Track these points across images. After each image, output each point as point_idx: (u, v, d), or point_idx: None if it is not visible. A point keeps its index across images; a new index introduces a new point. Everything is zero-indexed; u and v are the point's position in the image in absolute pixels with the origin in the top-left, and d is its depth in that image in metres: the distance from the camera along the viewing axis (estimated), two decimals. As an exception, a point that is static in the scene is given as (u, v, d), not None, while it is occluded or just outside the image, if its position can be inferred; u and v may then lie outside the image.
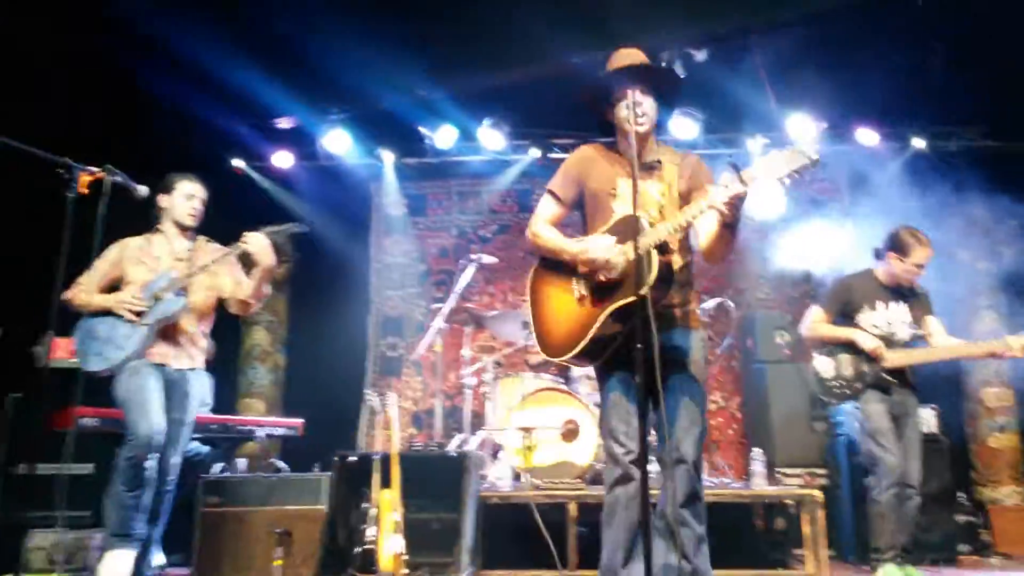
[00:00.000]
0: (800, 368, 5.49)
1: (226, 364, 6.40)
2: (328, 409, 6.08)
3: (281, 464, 4.62)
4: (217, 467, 4.48)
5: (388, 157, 6.92)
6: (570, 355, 2.66)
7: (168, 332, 3.67)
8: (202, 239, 3.91)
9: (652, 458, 3.18)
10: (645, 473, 2.41)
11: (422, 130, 6.78)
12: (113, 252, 3.78)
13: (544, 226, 2.89)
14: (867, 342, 3.99)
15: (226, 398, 6.06)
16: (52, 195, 3.87)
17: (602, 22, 5.83)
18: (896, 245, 4.07)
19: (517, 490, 4.40)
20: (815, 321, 4.21)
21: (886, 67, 6.05)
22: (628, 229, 2.62)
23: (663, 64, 5.70)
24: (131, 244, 3.81)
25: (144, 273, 3.70)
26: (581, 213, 2.96)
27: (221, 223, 4.03)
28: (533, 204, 7.07)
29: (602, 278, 2.65)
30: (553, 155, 6.92)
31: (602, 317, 2.60)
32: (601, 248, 2.63)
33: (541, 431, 4.60)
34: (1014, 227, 6.33)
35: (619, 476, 2.58)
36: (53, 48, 5.63)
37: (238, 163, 6.86)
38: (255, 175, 6.87)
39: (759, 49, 6.05)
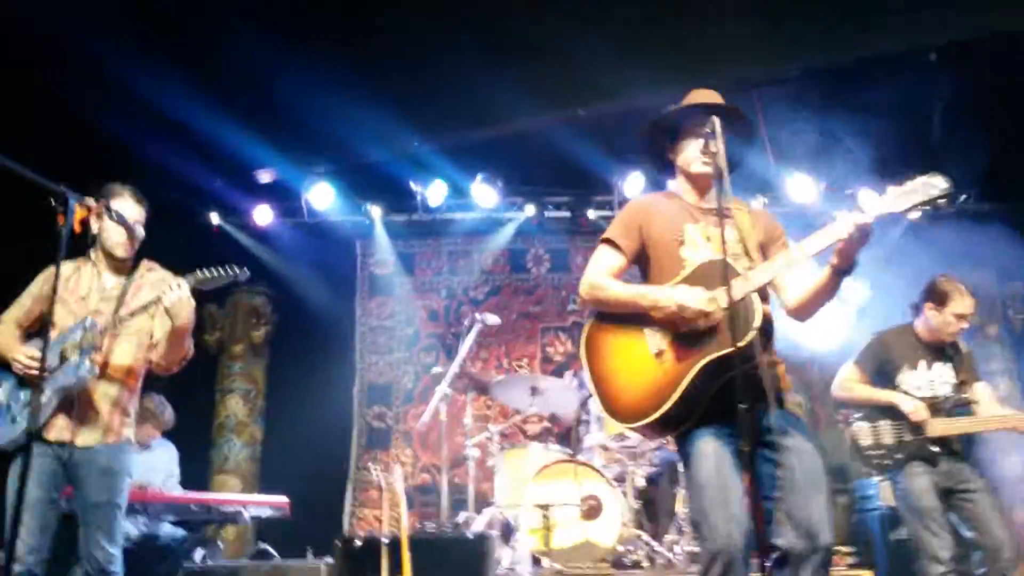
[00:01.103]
0: (815, 436, 5.18)
1: (198, 436, 5.88)
2: (310, 486, 5.54)
3: (270, 549, 4.09)
4: (198, 554, 3.94)
5: (376, 213, 6.57)
6: (651, 419, 2.29)
7: (78, 399, 2.88)
8: (143, 268, 3.13)
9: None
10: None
11: (413, 186, 6.48)
12: (37, 284, 3.09)
13: (606, 277, 2.56)
14: (906, 405, 3.64)
15: (198, 474, 5.51)
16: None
17: (595, 78, 5.67)
18: (933, 295, 3.77)
19: (539, 576, 3.95)
20: (849, 380, 3.87)
21: (885, 127, 5.99)
22: (714, 275, 2.32)
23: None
24: (59, 275, 3.01)
25: (64, 316, 2.97)
26: (641, 267, 2.65)
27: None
28: (527, 264, 6.86)
29: (685, 329, 2.32)
30: (549, 213, 6.68)
31: (692, 372, 2.25)
32: (692, 296, 2.31)
33: (559, 508, 4.20)
34: (1021, 288, 6.24)
35: (720, 572, 2.18)
36: (24, 96, 5.24)
37: (215, 219, 6.44)
38: (233, 231, 6.46)
39: (759, 105, 5.94)
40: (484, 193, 6.38)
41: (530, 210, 6.60)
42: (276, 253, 6.53)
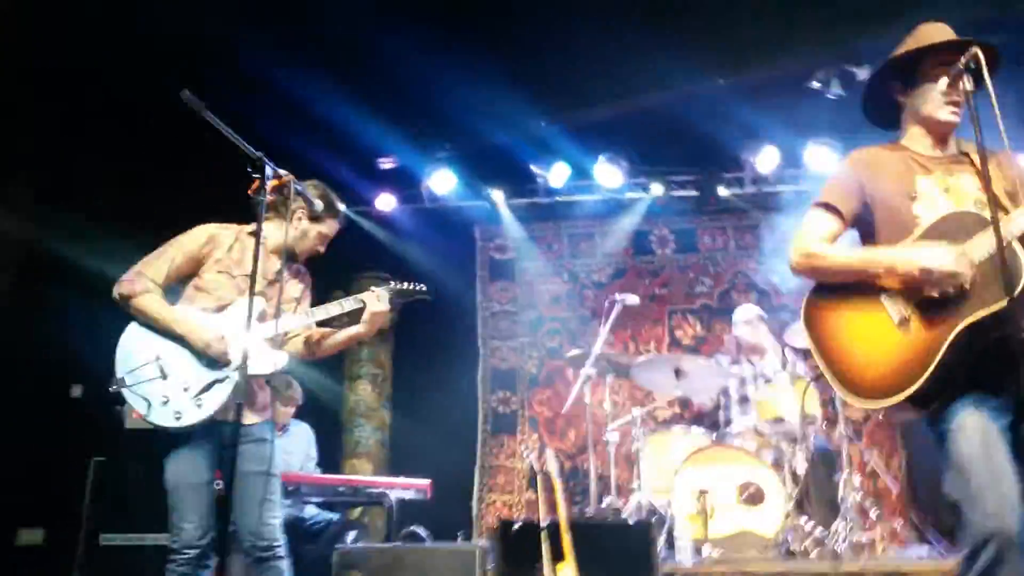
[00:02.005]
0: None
1: (328, 422, 5.89)
2: (438, 470, 5.47)
3: (423, 532, 4.02)
4: (351, 536, 3.90)
5: (498, 196, 6.46)
6: (904, 394, 2.04)
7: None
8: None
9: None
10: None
11: (534, 168, 6.34)
12: (195, 243, 2.89)
13: (822, 244, 2.31)
14: None
15: (330, 459, 5.51)
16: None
17: (733, 45, 5.38)
18: None
19: (701, 565, 3.74)
20: None
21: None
22: (959, 228, 2.08)
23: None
24: (221, 240, 2.92)
25: (227, 289, 2.85)
26: (863, 231, 2.40)
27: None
28: (651, 246, 6.63)
29: (934, 293, 2.07)
30: (675, 193, 6.42)
31: (950, 338, 1.99)
32: (938, 255, 2.06)
33: (715, 495, 3.98)
34: None
35: (992, 559, 1.93)
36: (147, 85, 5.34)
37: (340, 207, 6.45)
38: (356, 218, 6.46)
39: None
40: (607, 173, 6.18)
41: (656, 190, 6.36)
42: (398, 239, 6.51)
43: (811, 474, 4.51)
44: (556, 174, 6.26)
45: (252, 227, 3.01)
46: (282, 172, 2.50)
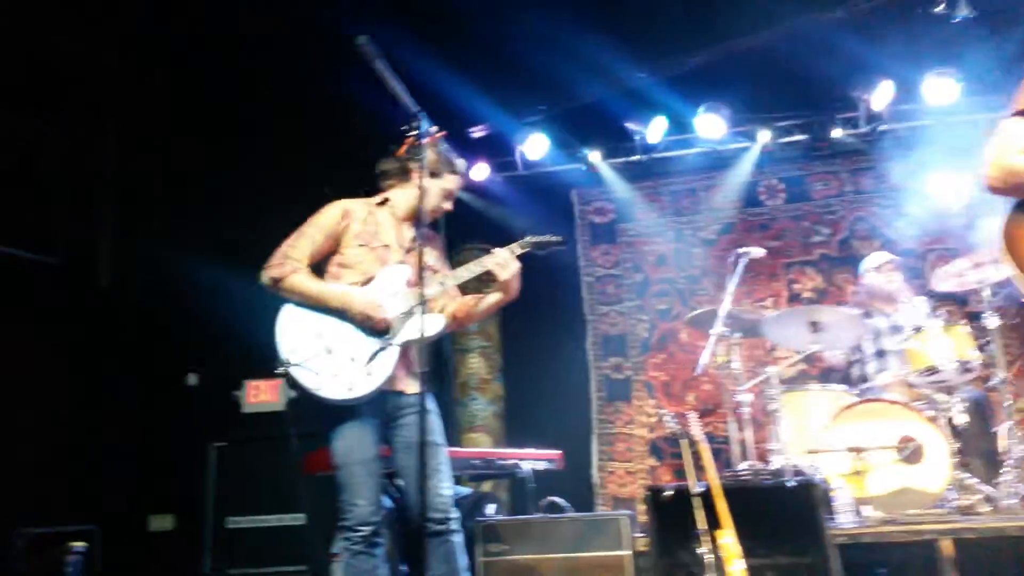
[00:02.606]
0: None
1: (441, 395, 5.85)
2: (555, 441, 5.36)
3: (563, 503, 3.90)
4: (490, 509, 3.81)
5: (595, 157, 6.25)
6: None
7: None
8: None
9: None
10: None
11: (629, 125, 6.09)
12: (332, 220, 2.87)
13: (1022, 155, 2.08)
14: None
15: (448, 433, 5.47)
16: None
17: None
18: None
19: (866, 526, 3.51)
20: None
21: None
22: None
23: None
24: (355, 212, 2.89)
25: (370, 262, 2.82)
26: None
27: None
28: (759, 197, 6.32)
29: None
30: (782, 139, 6.07)
31: None
32: None
33: (872, 453, 3.73)
34: None
35: None
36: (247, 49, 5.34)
37: (433, 178, 6.36)
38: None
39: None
40: (708, 124, 5.88)
41: (761, 137, 6.03)
42: (494, 208, 6.38)
43: (969, 425, 4.22)
44: (653, 129, 6.00)
45: (380, 198, 2.97)
46: (433, 130, 2.38)
